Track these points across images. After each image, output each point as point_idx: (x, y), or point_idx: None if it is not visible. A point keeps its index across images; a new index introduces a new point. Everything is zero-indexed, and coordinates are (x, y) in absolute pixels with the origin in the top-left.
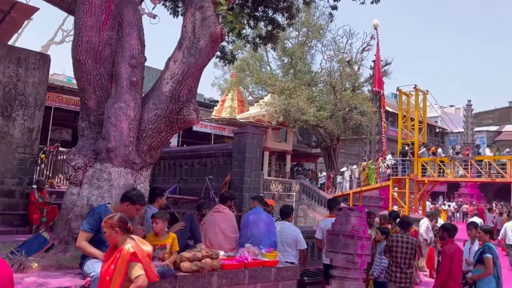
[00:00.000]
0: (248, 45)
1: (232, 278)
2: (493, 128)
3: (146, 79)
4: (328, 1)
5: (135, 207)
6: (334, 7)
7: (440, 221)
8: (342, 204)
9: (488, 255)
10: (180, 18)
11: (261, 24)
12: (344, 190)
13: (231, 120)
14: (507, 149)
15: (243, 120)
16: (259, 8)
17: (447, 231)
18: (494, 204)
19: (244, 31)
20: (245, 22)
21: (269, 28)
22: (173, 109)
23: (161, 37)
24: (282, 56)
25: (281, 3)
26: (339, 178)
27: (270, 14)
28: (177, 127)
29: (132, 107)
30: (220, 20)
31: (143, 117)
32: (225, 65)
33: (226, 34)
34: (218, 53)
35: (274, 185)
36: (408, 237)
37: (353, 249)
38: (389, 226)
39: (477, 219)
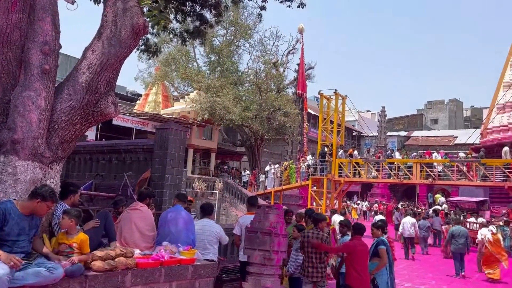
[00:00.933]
0: (175, 39)
1: (147, 277)
2: (403, 133)
3: (63, 68)
4: (256, 2)
5: (45, 204)
6: (263, 8)
7: (338, 217)
8: (261, 202)
9: (382, 247)
10: (101, 6)
11: (189, 19)
12: (266, 189)
13: (155, 115)
14: (414, 153)
15: (167, 116)
16: (187, 3)
17: (354, 229)
18: (400, 204)
19: (171, 25)
20: (171, 16)
21: (197, 23)
22: (89, 101)
23: (81, 25)
24: (210, 53)
25: (209, 0)
26: (262, 177)
27: (198, 10)
28: (93, 120)
29: (43, 97)
30: (146, 12)
31: (56, 108)
32: (149, 58)
33: (151, 27)
34: (142, 45)
35: (197, 182)
36: (319, 233)
37: (270, 245)
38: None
39: (380, 217)
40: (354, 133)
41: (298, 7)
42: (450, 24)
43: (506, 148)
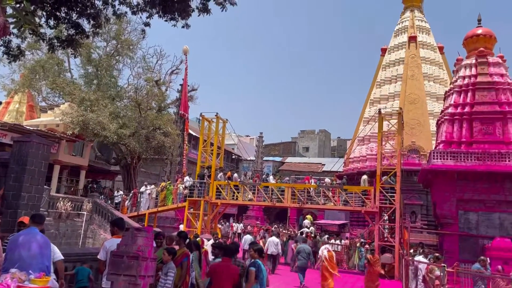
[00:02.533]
0: (44, 45)
1: None
2: (278, 158)
3: None
4: (141, 17)
5: None
6: (147, 24)
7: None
8: (135, 224)
9: (252, 268)
10: None
11: (63, 26)
12: (140, 210)
13: (16, 126)
14: (287, 178)
15: (31, 128)
16: (62, 9)
17: (224, 250)
18: (274, 227)
19: (44, 30)
20: (38, 21)
21: (72, 32)
22: None
23: None
24: (87, 64)
25: (88, 9)
26: (139, 198)
27: (74, 18)
28: None
29: None
30: (11, 12)
31: None
32: (10, 62)
33: (15, 29)
34: (2, 47)
35: (62, 202)
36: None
37: (137, 270)
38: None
39: (249, 237)
40: (233, 156)
41: (182, 27)
42: (317, 62)
43: (364, 176)
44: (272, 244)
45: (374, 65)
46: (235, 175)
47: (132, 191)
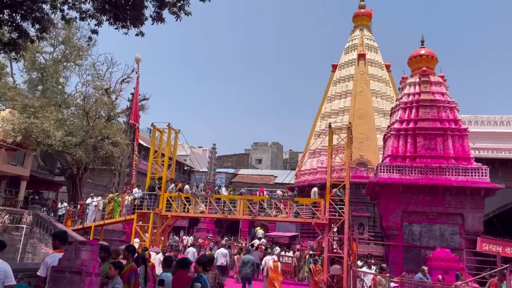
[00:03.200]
0: None
1: None
2: (231, 170)
3: None
4: (89, 24)
5: None
6: (94, 31)
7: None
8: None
9: (197, 284)
10: None
11: (6, 29)
12: (86, 223)
13: None
14: (243, 190)
15: None
16: (5, 11)
17: (177, 263)
18: (225, 239)
19: None
20: None
21: (15, 35)
22: None
23: None
24: (31, 69)
25: (33, 12)
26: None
27: (18, 21)
28: None
29: None
30: None
31: None
32: None
33: None
34: None
35: None
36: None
37: (80, 286)
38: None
39: (192, 249)
40: (185, 168)
41: (137, 35)
42: (271, 75)
43: (315, 189)
44: (221, 255)
45: (325, 81)
46: (187, 186)
47: (78, 203)
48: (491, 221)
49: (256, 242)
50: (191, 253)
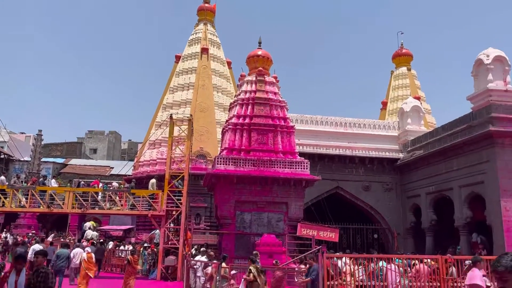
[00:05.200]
0: None
1: None
2: (60, 160)
3: None
4: None
5: None
6: None
7: None
8: None
9: None
10: None
11: None
12: None
13: None
14: (81, 181)
15: None
16: None
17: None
18: (51, 235)
19: None
20: None
21: None
22: None
23: None
24: None
25: None
26: None
27: None
28: None
29: None
30: None
31: None
32: None
33: None
34: None
35: None
36: None
37: None
38: None
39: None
40: (2, 156)
41: None
42: (109, 62)
43: (153, 180)
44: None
45: (168, 71)
46: (2, 177)
47: None
48: (309, 209)
49: (89, 234)
50: (78, 254)
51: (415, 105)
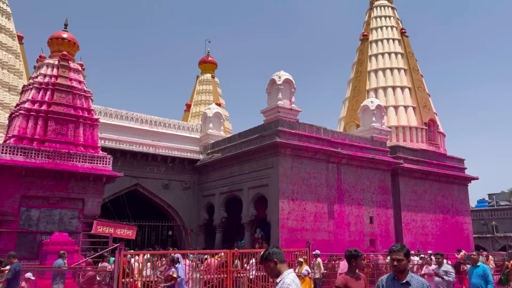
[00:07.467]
0: None
1: None
2: None
3: None
4: None
5: None
6: None
7: None
8: None
9: None
10: None
11: None
12: None
13: None
14: None
15: None
16: None
17: None
18: None
19: None
20: None
21: None
22: None
23: None
24: None
25: None
26: None
27: None
28: None
29: None
30: None
31: None
32: None
33: None
34: None
35: None
36: None
37: None
38: None
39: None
40: None
41: None
42: None
43: None
44: None
45: None
46: None
47: None
48: (106, 205)
49: None
50: None
51: (217, 112)
